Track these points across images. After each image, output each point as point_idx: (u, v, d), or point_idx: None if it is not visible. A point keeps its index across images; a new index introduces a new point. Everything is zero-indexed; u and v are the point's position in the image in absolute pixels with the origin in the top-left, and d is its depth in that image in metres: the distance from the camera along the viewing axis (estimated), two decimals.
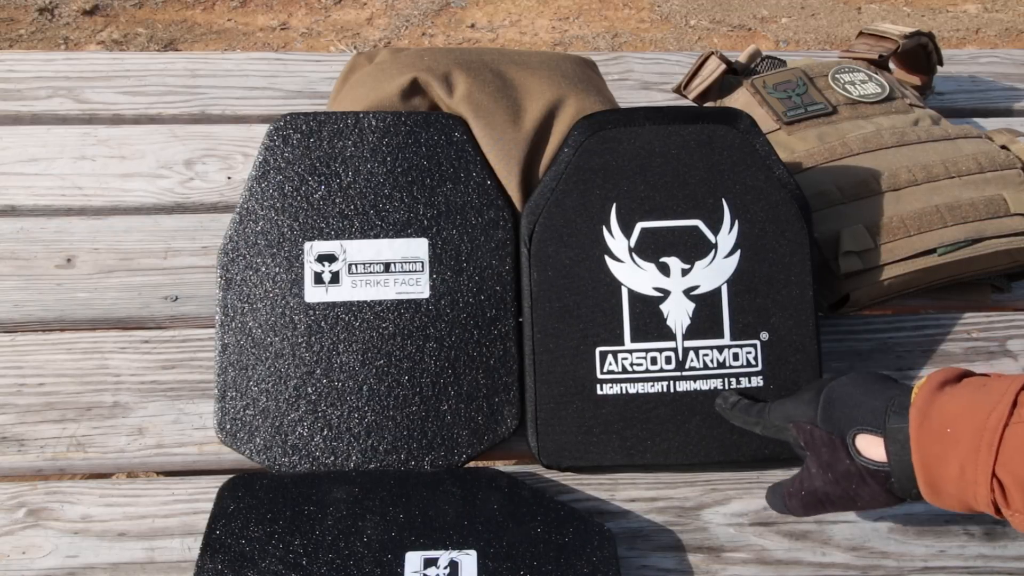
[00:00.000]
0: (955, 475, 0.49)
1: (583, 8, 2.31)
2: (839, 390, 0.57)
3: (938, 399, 0.51)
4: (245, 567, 0.58)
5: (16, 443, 0.68)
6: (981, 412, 0.48)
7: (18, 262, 0.80)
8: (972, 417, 0.48)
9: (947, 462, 0.49)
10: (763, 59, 0.91)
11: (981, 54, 1.11)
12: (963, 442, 0.48)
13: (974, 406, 0.49)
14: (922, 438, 0.50)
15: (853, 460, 0.55)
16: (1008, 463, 0.46)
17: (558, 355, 0.68)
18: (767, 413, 0.62)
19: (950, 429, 0.49)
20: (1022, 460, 0.45)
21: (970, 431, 0.48)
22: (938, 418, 0.50)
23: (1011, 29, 2.32)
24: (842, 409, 0.56)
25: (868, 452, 0.54)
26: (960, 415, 0.49)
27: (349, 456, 0.67)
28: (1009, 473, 0.46)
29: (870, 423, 0.53)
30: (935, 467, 0.50)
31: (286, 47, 2.13)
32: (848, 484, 0.56)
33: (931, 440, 0.50)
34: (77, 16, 2.16)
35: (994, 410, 0.47)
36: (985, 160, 0.79)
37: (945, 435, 0.49)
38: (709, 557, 0.64)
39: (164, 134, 0.92)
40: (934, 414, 0.50)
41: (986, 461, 0.47)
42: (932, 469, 0.50)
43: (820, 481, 0.57)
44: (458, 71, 0.75)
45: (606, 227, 0.69)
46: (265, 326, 0.69)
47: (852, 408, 0.55)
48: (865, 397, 0.55)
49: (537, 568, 0.58)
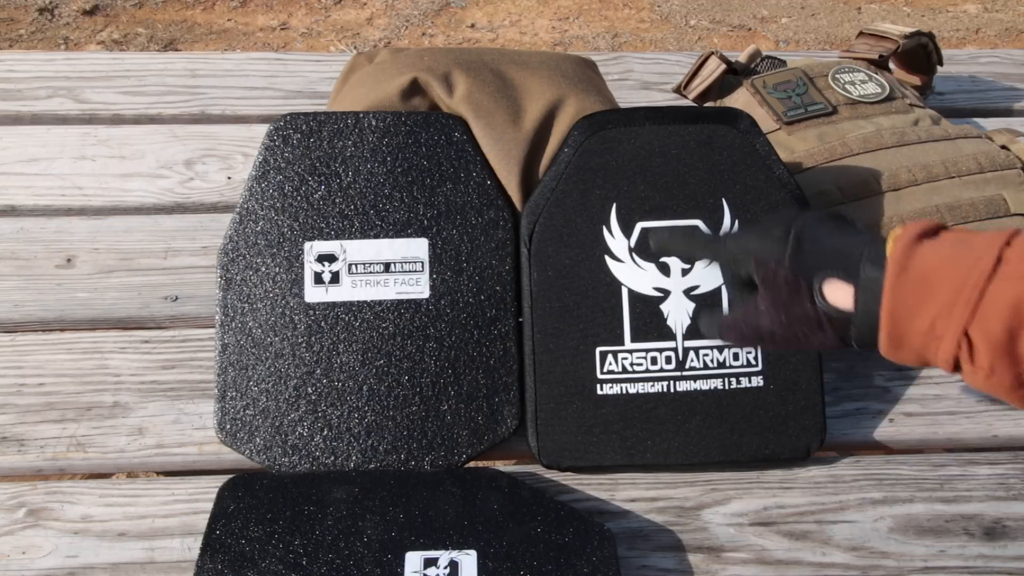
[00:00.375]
0: (923, 329, 0.47)
1: (583, 8, 2.31)
2: (811, 231, 0.53)
3: (918, 250, 0.48)
4: (245, 567, 0.58)
5: (16, 443, 0.68)
6: (963, 266, 0.46)
7: (18, 262, 0.80)
8: (953, 271, 0.46)
9: (918, 315, 0.47)
10: (763, 59, 0.91)
11: (981, 54, 1.11)
12: (940, 296, 0.46)
13: (956, 260, 0.46)
14: (897, 289, 0.48)
15: (815, 305, 0.52)
16: (984, 321, 0.44)
17: (558, 355, 0.68)
18: (724, 241, 0.58)
19: (928, 282, 0.47)
20: (999, 319, 0.44)
21: (949, 285, 0.46)
22: (916, 270, 0.47)
23: (1011, 29, 2.32)
24: (812, 252, 0.52)
25: (834, 298, 0.51)
26: (940, 268, 0.47)
27: (349, 456, 0.67)
28: (981, 331, 0.45)
29: (842, 268, 0.51)
30: (905, 319, 0.48)
31: (286, 47, 2.13)
32: (800, 327, 0.53)
33: (906, 292, 0.47)
34: (77, 16, 2.16)
35: (976, 265, 0.45)
36: (985, 160, 0.79)
37: (922, 287, 0.47)
38: (709, 557, 0.64)
39: (164, 134, 0.92)
40: (913, 266, 0.47)
41: (960, 316, 0.45)
42: (902, 321, 0.48)
43: (768, 319, 0.55)
44: (458, 71, 0.75)
45: (606, 227, 0.69)
46: (265, 326, 0.69)
47: (824, 251, 0.52)
48: (838, 241, 0.52)
49: (537, 568, 0.58)
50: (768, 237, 0.54)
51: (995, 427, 0.72)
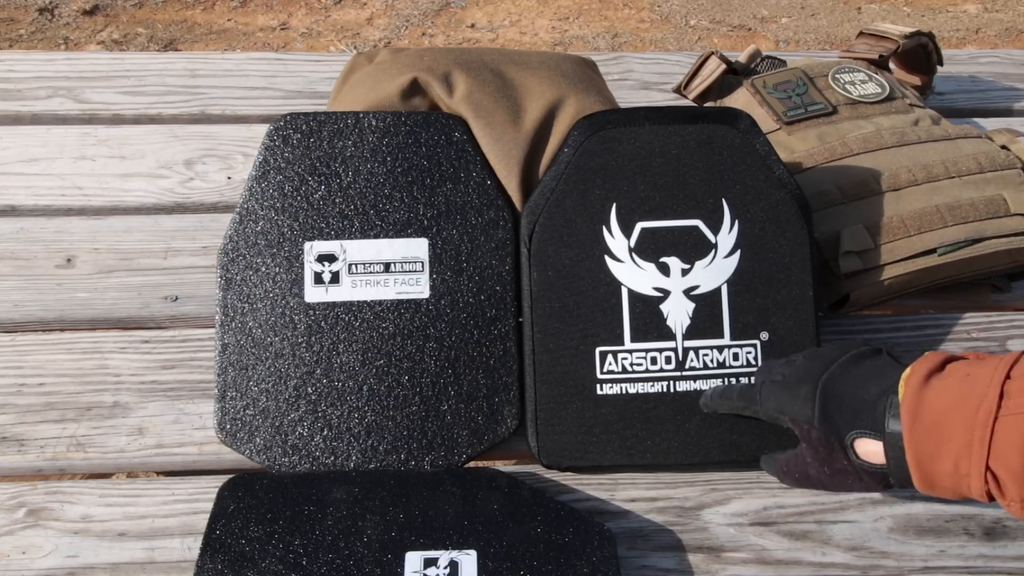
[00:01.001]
0: (949, 470, 0.49)
1: (583, 8, 2.31)
2: (835, 387, 0.56)
3: (926, 396, 0.51)
4: (245, 567, 0.58)
5: (16, 443, 0.68)
6: (970, 406, 0.48)
7: (18, 262, 0.80)
8: (962, 412, 0.49)
9: (940, 459, 0.50)
10: (763, 59, 0.91)
11: (981, 54, 1.11)
12: (955, 438, 0.49)
13: (962, 400, 0.49)
14: (914, 437, 0.51)
15: (851, 462, 0.56)
16: (1001, 456, 0.47)
17: (558, 355, 0.68)
18: (759, 400, 0.62)
19: (941, 426, 0.49)
20: (1014, 452, 0.46)
21: (961, 427, 0.48)
22: (928, 415, 0.50)
23: (1011, 29, 2.32)
24: (839, 410, 0.56)
25: (867, 456, 0.55)
26: (949, 410, 0.49)
27: (349, 456, 0.67)
28: (1002, 466, 0.47)
29: (868, 426, 0.54)
30: (929, 464, 0.50)
31: (286, 47, 2.13)
32: (844, 479, 0.57)
33: (923, 438, 0.50)
34: (77, 16, 2.16)
35: (982, 404, 0.48)
36: (985, 160, 0.79)
37: (936, 432, 0.50)
38: (709, 557, 0.64)
39: (164, 134, 0.92)
40: (924, 412, 0.50)
41: (979, 455, 0.47)
42: (926, 466, 0.51)
43: (815, 471, 0.59)
44: (458, 71, 0.75)
45: (606, 227, 0.69)
46: (265, 326, 0.69)
47: (849, 409, 0.55)
48: (861, 395, 0.55)
49: (537, 568, 0.58)
50: (797, 398, 0.58)
51: None
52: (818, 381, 0.57)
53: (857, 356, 0.58)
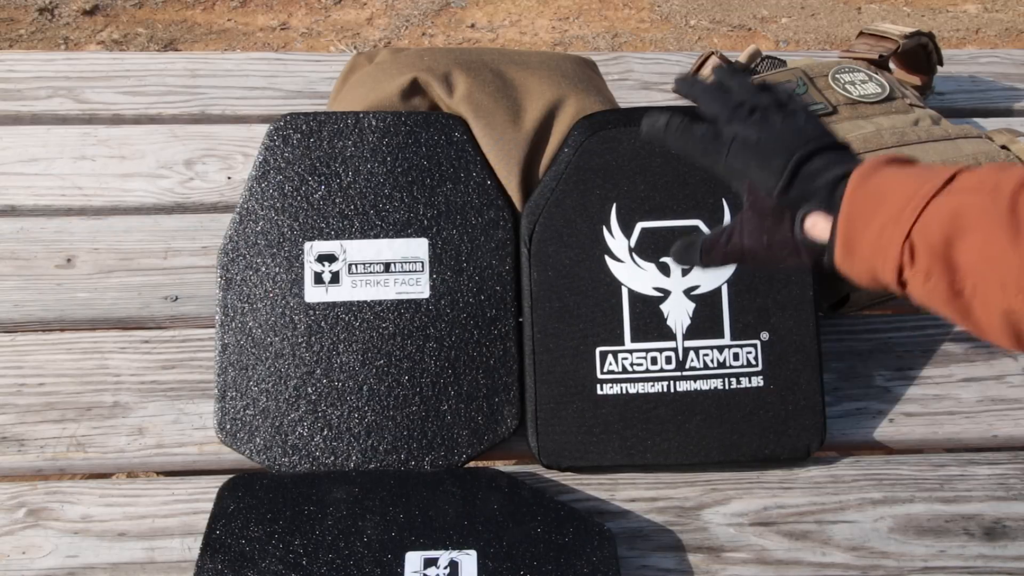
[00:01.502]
0: (873, 237, 0.50)
1: (583, 8, 2.31)
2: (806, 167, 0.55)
3: (882, 169, 0.51)
4: (245, 567, 0.58)
5: (16, 443, 0.68)
6: (917, 183, 0.49)
7: (18, 262, 0.80)
8: (907, 186, 0.49)
9: (870, 222, 0.50)
10: (763, 59, 0.91)
11: (981, 54, 1.11)
12: (891, 206, 0.49)
13: (914, 179, 0.50)
14: (854, 198, 0.51)
15: (794, 235, 0.55)
16: (924, 227, 0.47)
17: (558, 355, 0.68)
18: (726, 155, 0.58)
19: (881, 194, 0.50)
20: (937, 226, 0.47)
21: (901, 197, 0.49)
22: (875, 184, 0.50)
23: (1011, 29, 2.32)
24: (801, 186, 0.55)
25: (813, 231, 0.54)
26: (897, 183, 0.50)
27: (349, 456, 0.67)
28: (922, 235, 0.48)
29: (825, 203, 0.53)
30: (858, 227, 0.50)
31: (286, 47, 2.13)
32: (780, 251, 0.56)
33: (862, 201, 0.50)
34: (77, 16, 2.16)
35: (929, 180, 0.48)
36: (985, 160, 0.79)
37: (877, 198, 0.50)
38: (709, 557, 0.64)
39: (164, 134, 0.92)
40: (873, 180, 0.51)
41: (906, 222, 0.48)
42: (854, 228, 0.51)
43: (750, 240, 0.57)
44: (458, 71, 0.75)
45: (606, 227, 0.69)
46: (265, 326, 0.69)
47: (810, 185, 0.54)
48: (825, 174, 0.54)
49: (537, 568, 0.58)
50: (767, 168, 0.56)
51: (995, 427, 0.72)
52: (793, 155, 0.55)
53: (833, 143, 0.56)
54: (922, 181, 0.49)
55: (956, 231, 0.46)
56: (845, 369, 0.75)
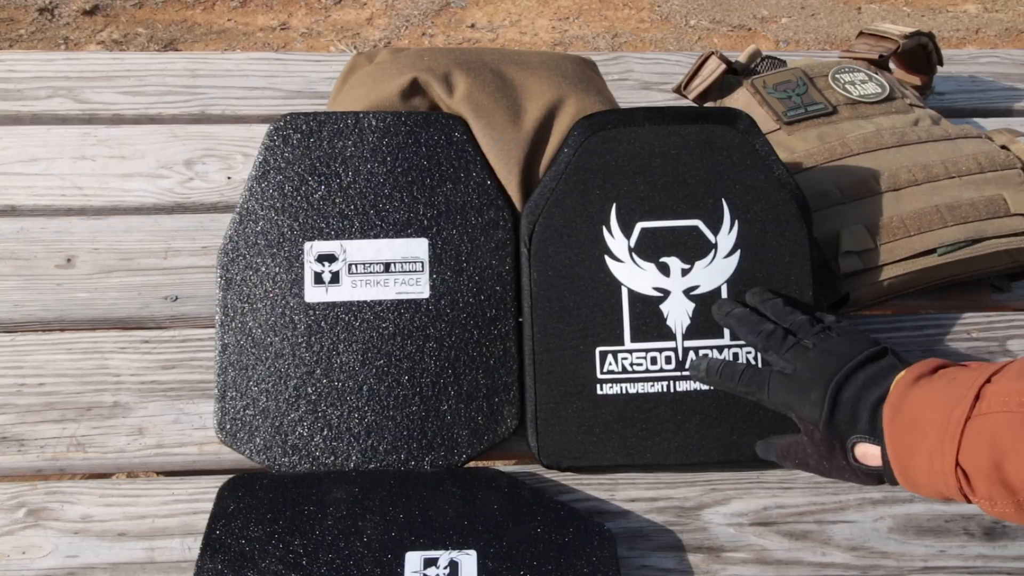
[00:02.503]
0: (925, 466, 0.51)
1: (583, 8, 2.31)
2: (842, 394, 0.58)
3: (910, 394, 0.53)
4: (245, 567, 0.58)
5: (16, 443, 0.68)
6: (947, 406, 0.50)
7: (18, 262, 0.80)
8: (939, 411, 0.50)
9: (916, 454, 0.51)
10: (763, 59, 0.91)
11: (981, 54, 1.11)
12: (930, 436, 0.50)
13: (942, 400, 0.51)
14: (893, 433, 0.53)
15: (849, 463, 0.58)
16: (969, 454, 0.48)
17: (558, 355, 0.68)
18: (768, 391, 0.62)
19: (918, 424, 0.51)
20: (980, 452, 0.48)
21: (936, 425, 0.50)
22: (908, 413, 0.52)
23: (1011, 29, 2.32)
24: (842, 416, 0.57)
25: (864, 458, 0.57)
26: (928, 409, 0.51)
27: (349, 456, 0.67)
28: (971, 464, 0.48)
29: (866, 431, 0.56)
30: (907, 459, 0.52)
31: (286, 47, 2.13)
32: (841, 474, 0.60)
33: (901, 435, 0.52)
34: (77, 16, 2.16)
35: (958, 405, 0.49)
36: (985, 160, 0.79)
37: (914, 430, 0.52)
38: (709, 557, 0.64)
39: (164, 134, 0.92)
40: (905, 409, 0.53)
41: (950, 453, 0.49)
42: (904, 461, 0.52)
43: (815, 462, 0.61)
44: (458, 71, 0.75)
45: (606, 227, 0.69)
46: (265, 326, 0.69)
47: (851, 415, 0.57)
48: (863, 400, 0.57)
49: (537, 568, 0.58)
50: (807, 400, 0.59)
51: None
52: (828, 386, 0.58)
53: (865, 360, 0.59)
54: (950, 405, 0.50)
55: (1000, 455, 0.47)
56: None
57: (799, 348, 0.62)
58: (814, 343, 0.62)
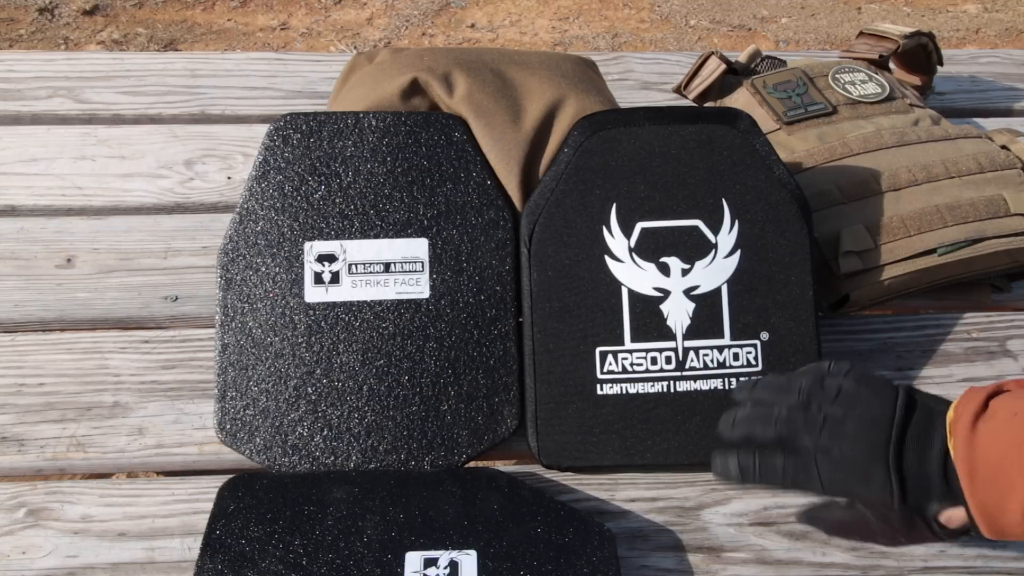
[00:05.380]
0: (1018, 518, 0.50)
1: (583, 8, 2.31)
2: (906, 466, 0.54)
3: (978, 446, 0.51)
4: (245, 567, 0.58)
5: (16, 443, 0.68)
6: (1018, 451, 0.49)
7: (18, 262, 0.80)
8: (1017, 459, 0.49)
9: (1007, 508, 0.50)
10: (763, 59, 0.91)
11: (981, 54, 1.11)
12: (1018, 487, 0.49)
13: (1016, 446, 0.49)
14: (976, 492, 0.51)
15: (935, 532, 0.55)
16: None
17: (558, 355, 0.68)
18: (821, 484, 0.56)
19: (1001, 476, 0.50)
20: None
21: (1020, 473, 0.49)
22: (984, 468, 0.50)
23: (1011, 29, 2.32)
24: (915, 489, 0.54)
25: (949, 522, 0.54)
26: (1005, 458, 0.49)
27: (349, 456, 0.67)
28: None
29: (944, 496, 0.53)
30: (997, 515, 0.50)
31: (286, 47, 2.13)
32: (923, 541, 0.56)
33: (986, 492, 0.50)
34: (77, 16, 2.16)
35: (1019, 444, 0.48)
36: (985, 160, 0.79)
37: (997, 484, 0.50)
38: (709, 557, 0.64)
39: (164, 134, 0.92)
40: (980, 465, 0.50)
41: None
42: (994, 518, 0.51)
43: (885, 539, 0.57)
44: (458, 71, 0.75)
45: (606, 227, 0.69)
46: (265, 326, 0.69)
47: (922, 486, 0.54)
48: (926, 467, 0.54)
49: (537, 568, 0.58)
50: (870, 483, 0.55)
51: None
52: (887, 461, 0.54)
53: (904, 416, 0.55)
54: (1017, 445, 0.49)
55: None
56: None
57: (831, 420, 0.56)
58: (843, 410, 0.56)
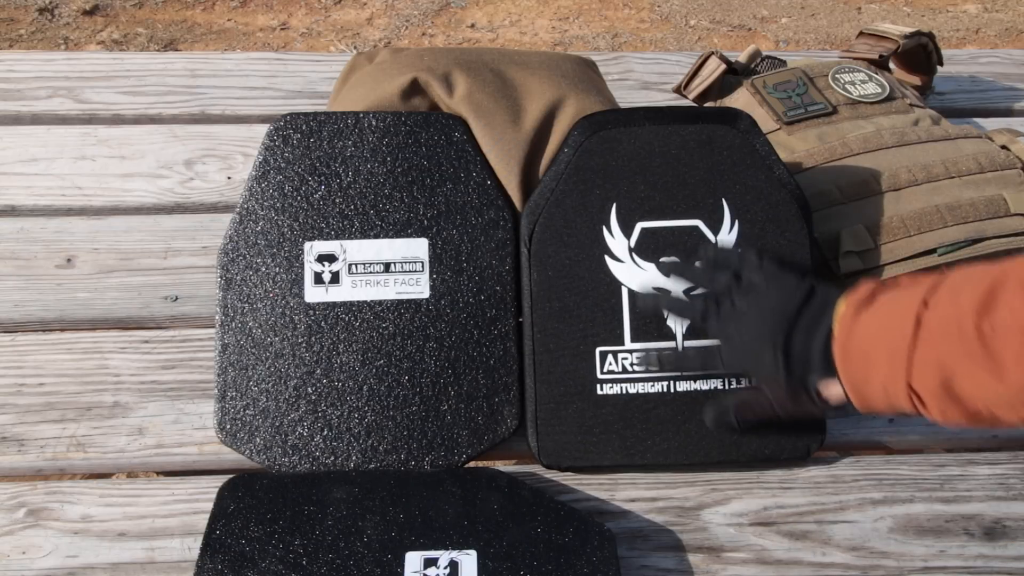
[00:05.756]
0: (880, 394, 0.55)
1: (583, 8, 2.31)
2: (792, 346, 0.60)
3: (855, 329, 0.57)
4: (245, 567, 0.58)
5: (16, 443, 0.68)
6: (890, 337, 0.54)
7: (18, 262, 0.80)
8: (884, 343, 0.54)
9: (871, 384, 0.55)
10: (763, 59, 0.91)
11: (981, 54, 1.11)
12: (880, 367, 0.54)
13: (885, 332, 0.55)
14: (847, 369, 0.57)
15: (815, 403, 0.61)
16: (919, 379, 0.53)
17: (558, 355, 0.68)
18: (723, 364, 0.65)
19: (868, 357, 0.55)
20: (929, 375, 0.52)
21: (884, 356, 0.54)
22: (856, 349, 0.56)
23: (1011, 29, 2.32)
24: (799, 365, 0.60)
25: (828, 395, 0.60)
26: (874, 342, 0.55)
27: (349, 456, 0.67)
28: (922, 386, 0.53)
29: (823, 370, 0.59)
30: (863, 389, 0.56)
31: (286, 47, 2.13)
32: (807, 412, 0.63)
33: (854, 369, 0.56)
34: (77, 16, 2.16)
35: (901, 334, 0.53)
36: (985, 160, 0.79)
37: (865, 363, 0.56)
38: (709, 557, 0.64)
39: (164, 134, 0.92)
40: (852, 346, 0.56)
41: (902, 379, 0.53)
42: (861, 392, 0.56)
43: (780, 409, 0.64)
44: (458, 71, 0.75)
45: (606, 227, 0.69)
46: (265, 326, 0.69)
47: (806, 361, 0.59)
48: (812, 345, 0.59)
49: (537, 568, 0.58)
50: (762, 363, 0.62)
51: None
52: (777, 344, 0.60)
53: (799, 309, 0.61)
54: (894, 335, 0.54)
55: (947, 376, 0.51)
56: None
57: (736, 313, 0.64)
58: (748, 304, 0.63)
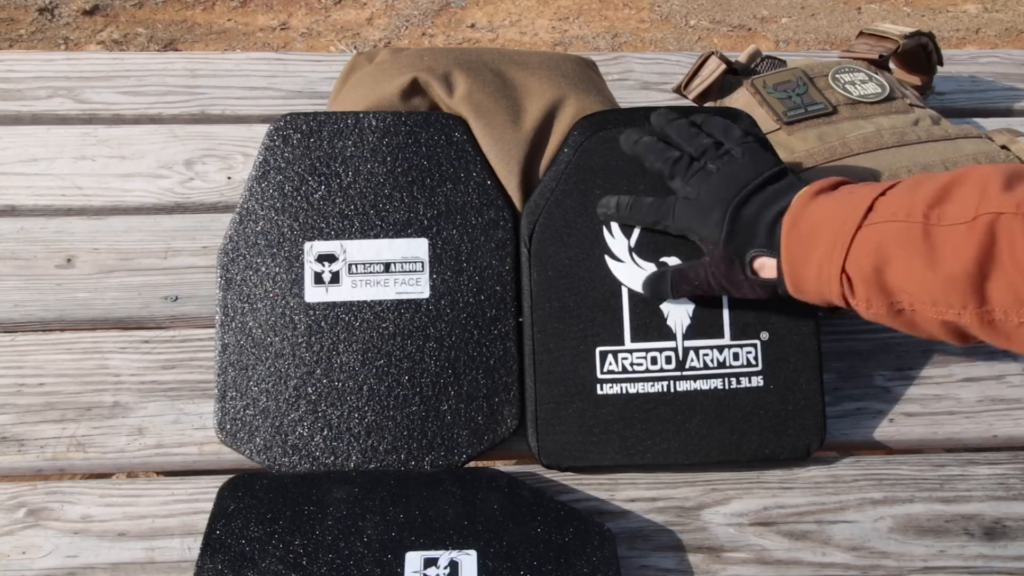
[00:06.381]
0: (814, 273, 0.55)
1: (583, 8, 2.31)
2: (742, 212, 0.59)
3: (809, 207, 0.56)
4: (245, 567, 0.58)
5: (16, 443, 0.68)
6: (841, 217, 0.53)
7: (18, 262, 0.80)
8: (832, 222, 0.54)
9: (808, 262, 0.55)
10: (763, 59, 0.91)
11: (981, 54, 1.11)
12: (822, 245, 0.54)
13: (837, 211, 0.54)
14: (790, 242, 0.56)
15: (747, 277, 0.60)
16: (854, 261, 0.52)
17: (558, 355, 0.68)
18: (672, 216, 0.64)
19: (812, 234, 0.55)
20: (865, 258, 0.52)
21: (829, 234, 0.53)
22: (805, 225, 0.55)
23: (1011, 29, 2.32)
24: (742, 232, 0.59)
25: (762, 271, 0.59)
26: (823, 220, 0.54)
27: (349, 456, 0.67)
28: (855, 270, 0.52)
29: (764, 244, 0.58)
30: (799, 267, 0.55)
31: (286, 47, 2.13)
32: (739, 288, 0.62)
33: (796, 244, 0.55)
34: (77, 16, 2.16)
35: (851, 215, 0.53)
36: (985, 160, 0.79)
37: (808, 240, 0.55)
38: (709, 557, 0.64)
39: (164, 134, 0.92)
40: (802, 221, 0.56)
41: (838, 259, 0.53)
42: (796, 269, 0.56)
43: (715, 280, 0.63)
44: (458, 71, 0.75)
45: (606, 227, 0.69)
46: (265, 326, 0.69)
47: (750, 231, 0.59)
48: (762, 217, 0.59)
49: (537, 568, 0.58)
50: (708, 221, 0.61)
51: (995, 427, 0.72)
52: (728, 207, 0.60)
53: (766, 180, 0.60)
54: (845, 215, 0.53)
55: (882, 261, 0.51)
56: (845, 369, 0.75)
57: (703, 173, 0.63)
58: (718, 167, 0.62)
